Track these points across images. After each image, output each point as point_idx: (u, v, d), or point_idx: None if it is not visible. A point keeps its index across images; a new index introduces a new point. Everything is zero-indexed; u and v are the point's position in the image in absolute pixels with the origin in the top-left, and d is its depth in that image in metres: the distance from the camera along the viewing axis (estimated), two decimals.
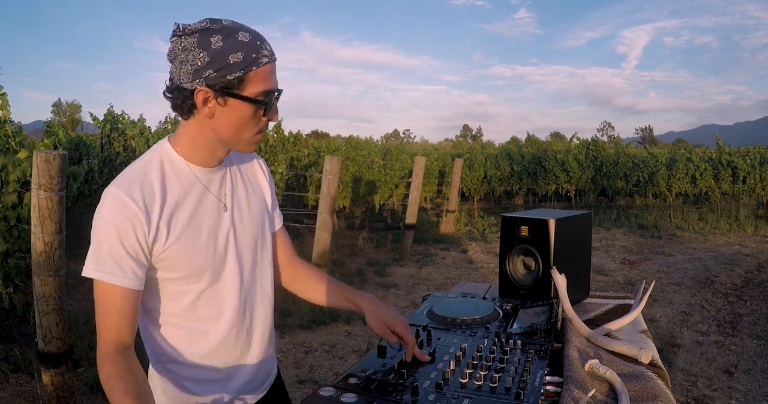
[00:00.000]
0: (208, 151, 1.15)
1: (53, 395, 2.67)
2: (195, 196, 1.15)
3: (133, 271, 1.07)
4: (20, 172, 3.44)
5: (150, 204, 1.07)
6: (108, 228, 1.05)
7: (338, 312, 5.06)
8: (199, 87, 1.04)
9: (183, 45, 1.04)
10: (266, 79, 1.07)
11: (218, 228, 1.18)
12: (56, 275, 2.57)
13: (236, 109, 1.07)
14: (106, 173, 7.26)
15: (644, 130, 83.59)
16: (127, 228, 1.05)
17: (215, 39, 1.03)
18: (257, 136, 1.13)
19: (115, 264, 1.05)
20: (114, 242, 1.05)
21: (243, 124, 1.09)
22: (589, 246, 1.95)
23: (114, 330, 1.07)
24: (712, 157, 13.04)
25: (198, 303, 1.16)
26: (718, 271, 7.06)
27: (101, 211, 1.07)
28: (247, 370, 1.27)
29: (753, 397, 3.51)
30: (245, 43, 1.04)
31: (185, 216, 1.13)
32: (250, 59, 1.04)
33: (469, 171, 13.27)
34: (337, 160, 5.14)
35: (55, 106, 64.13)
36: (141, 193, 1.07)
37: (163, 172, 1.12)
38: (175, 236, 1.10)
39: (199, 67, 1.03)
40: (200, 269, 1.14)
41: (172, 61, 1.07)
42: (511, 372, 1.15)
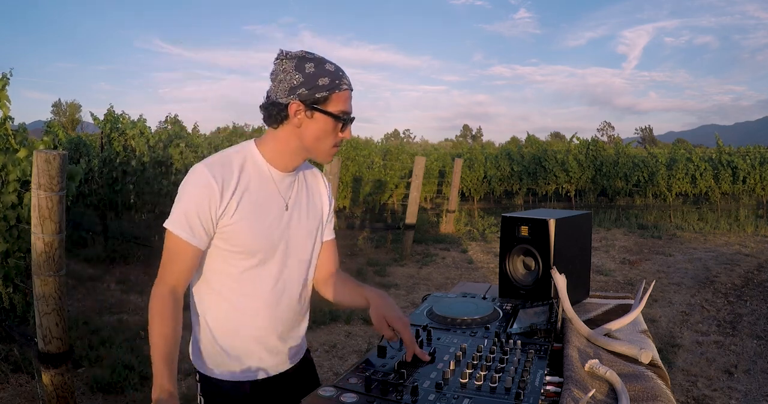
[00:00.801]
0: (289, 157, 1.37)
1: (53, 395, 2.67)
2: (265, 191, 1.37)
3: (200, 234, 1.29)
4: (20, 171, 3.44)
5: (226, 186, 1.30)
6: (190, 196, 1.29)
7: (338, 312, 5.05)
8: (293, 101, 1.29)
9: (284, 67, 1.30)
10: (345, 102, 1.33)
11: (276, 222, 1.39)
12: (56, 275, 2.57)
13: (320, 121, 1.31)
14: (106, 173, 7.25)
15: (644, 130, 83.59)
16: (204, 199, 1.28)
17: (309, 65, 1.29)
18: (333, 149, 1.36)
19: (188, 225, 1.28)
20: (191, 208, 1.28)
21: (324, 135, 1.33)
22: (589, 246, 1.95)
23: (173, 276, 1.30)
24: (712, 157, 13.04)
25: (242, 277, 1.36)
26: (718, 271, 7.06)
27: (188, 181, 1.31)
28: (274, 345, 1.43)
29: (753, 397, 3.51)
30: (331, 71, 1.31)
31: (252, 203, 1.34)
32: (334, 84, 1.30)
33: (469, 171, 13.26)
34: (337, 160, 5.15)
35: (55, 106, 64.13)
36: (222, 174, 1.30)
37: (244, 164, 1.35)
38: (239, 216, 1.31)
39: (294, 85, 1.28)
40: (252, 249, 1.35)
41: (273, 79, 1.32)
42: (511, 372, 1.15)
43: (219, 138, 10.17)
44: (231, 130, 17.94)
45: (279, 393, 1.46)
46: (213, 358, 1.40)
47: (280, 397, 1.46)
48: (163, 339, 1.25)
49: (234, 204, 1.31)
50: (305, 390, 1.48)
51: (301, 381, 1.53)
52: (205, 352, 1.41)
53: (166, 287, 1.30)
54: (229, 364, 1.40)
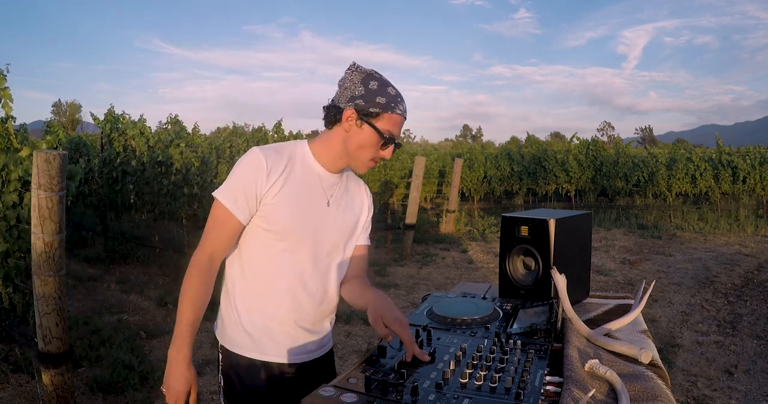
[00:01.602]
0: (333, 158, 1.47)
1: (53, 395, 2.67)
2: (308, 182, 1.47)
3: (243, 207, 1.40)
4: (22, 170, 3.43)
5: (273, 168, 1.41)
6: (241, 172, 1.41)
7: (338, 312, 5.04)
8: (349, 108, 1.40)
9: (352, 77, 1.42)
10: (394, 124, 1.42)
11: (314, 212, 1.48)
12: (56, 275, 2.57)
13: (366, 133, 1.41)
14: (106, 173, 7.25)
15: (644, 130, 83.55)
16: (252, 177, 1.39)
17: (373, 83, 1.41)
18: (371, 162, 1.46)
19: (234, 197, 1.40)
20: (240, 183, 1.40)
21: (366, 146, 1.42)
22: (589, 246, 1.95)
23: (213, 244, 1.42)
24: (712, 157, 13.03)
25: (273, 258, 1.45)
26: (718, 271, 7.06)
27: (242, 160, 1.42)
28: (292, 334, 1.49)
29: (753, 397, 3.51)
30: (391, 94, 1.41)
31: (296, 189, 1.44)
32: (389, 105, 1.40)
33: (469, 171, 13.26)
34: None
35: (56, 106, 64.09)
36: (273, 157, 1.42)
37: (295, 155, 1.47)
38: (281, 198, 1.42)
39: (355, 95, 1.40)
40: (288, 231, 1.44)
41: (340, 86, 1.44)
42: (511, 372, 1.15)
43: (219, 138, 10.16)
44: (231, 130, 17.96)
45: (293, 383, 1.51)
46: (234, 334, 1.49)
47: (294, 386, 1.51)
48: (192, 306, 1.38)
49: (278, 187, 1.41)
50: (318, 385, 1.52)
51: (316, 377, 1.52)
52: (228, 327, 1.50)
53: (205, 254, 1.41)
54: (248, 342, 1.47)
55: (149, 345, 4.22)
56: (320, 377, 1.53)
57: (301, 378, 1.52)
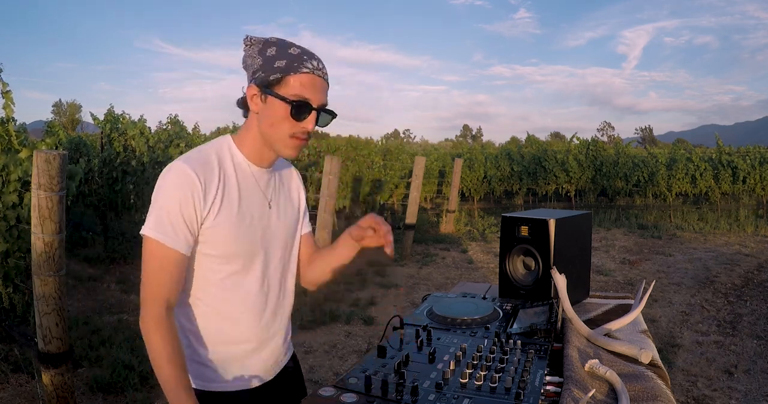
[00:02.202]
0: (260, 149, 1.28)
1: (53, 395, 2.67)
2: (247, 188, 1.28)
3: (186, 238, 1.18)
4: (21, 171, 3.43)
5: (209, 184, 1.20)
6: (171, 196, 1.17)
7: (338, 312, 5.06)
8: (250, 85, 1.22)
9: (249, 53, 1.23)
10: (302, 87, 1.19)
11: (260, 220, 1.31)
12: (56, 275, 2.57)
13: (273, 106, 1.20)
14: (106, 173, 7.25)
15: (644, 130, 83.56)
16: (188, 198, 1.17)
17: (271, 49, 1.20)
18: (292, 140, 1.23)
19: (171, 229, 1.16)
20: (174, 209, 1.16)
21: (277, 122, 1.21)
22: (589, 246, 1.95)
23: (165, 290, 1.18)
24: (712, 157, 13.04)
25: (225, 282, 1.27)
26: (718, 271, 7.06)
27: (167, 179, 1.18)
28: (263, 352, 1.36)
29: (753, 397, 3.51)
30: (293, 54, 1.20)
31: (234, 201, 1.25)
32: (291, 66, 1.18)
33: (469, 171, 13.26)
34: (337, 160, 5.14)
35: (56, 106, 64.14)
36: (203, 172, 1.20)
37: (224, 161, 1.26)
38: (224, 215, 1.22)
39: (255, 70, 1.21)
40: (237, 252, 1.26)
41: (245, 68, 1.25)
42: (511, 372, 1.15)
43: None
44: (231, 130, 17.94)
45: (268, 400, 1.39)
46: (196, 369, 1.30)
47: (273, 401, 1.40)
48: (173, 365, 1.15)
49: (217, 205, 1.21)
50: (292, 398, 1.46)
51: (287, 390, 1.46)
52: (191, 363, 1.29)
53: (161, 307, 1.17)
54: (212, 374, 1.30)
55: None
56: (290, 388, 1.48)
57: (271, 395, 1.40)
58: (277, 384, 1.42)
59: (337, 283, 6.24)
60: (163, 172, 1.20)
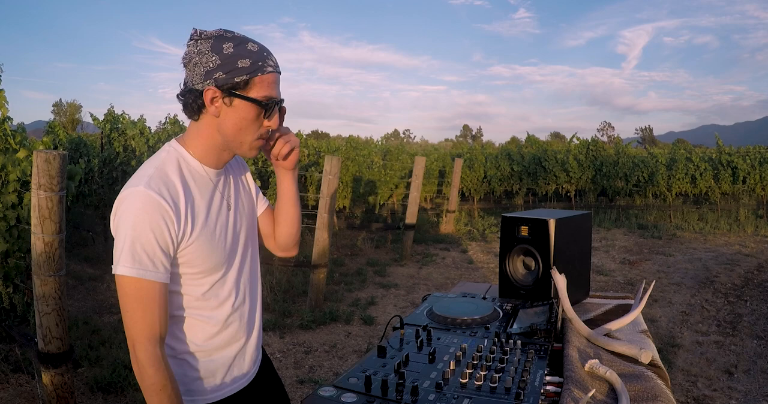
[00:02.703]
0: (218, 154, 1.22)
1: (53, 395, 2.67)
2: (209, 196, 1.23)
3: (164, 266, 1.12)
4: (20, 171, 3.43)
5: (177, 202, 1.14)
6: (142, 225, 1.08)
7: (338, 312, 5.05)
8: (209, 87, 1.13)
9: (198, 48, 1.14)
10: (269, 86, 1.16)
11: (226, 225, 1.27)
12: (56, 275, 2.57)
13: (240, 109, 1.15)
14: (106, 173, 7.25)
15: (644, 130, 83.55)
16: (161, 225, 1.10)
17: (227, 45, 1.13)
18: (258, 142, 1.21)
19: (150, 261, 1.09)
20: (149, 239, 1.09)
21: (246, 126, 1.17)
22: (589, 246, 1.95)
23: (157, 326, 1.12)
24: (712, 157, 13.03)
25: (208, 293, 1.25)
26: (718, 271, 7.06)
27: (132, 209, 1.09)
28: (249, 350, 1.37)
29: (753, 397, 3.51)
30: (253, 51, 1.14)
31: (203, 215, 1.21)
32: (256, 66, 1.14)
33: (469, 171, 13.26)
34: (337, 160, 5.14)
35: (56, 106, 64.09)
36: (168, 191, 1.12)
37: (181, 172, 1.19)
38: (197, 233, 1.18)
39: (210, 69, 1.12)
40: (216, 264, 1.24)
41: (186, 64, 1.16)
42: (511, 372, 1.15)
43: None
44: None
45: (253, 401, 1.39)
46: (188, 384, 1.26)
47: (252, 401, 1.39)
48: (167, 391, 1.11)
49: (190, 224, 1.15)
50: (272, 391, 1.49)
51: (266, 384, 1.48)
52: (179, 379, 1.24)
53: (155, 344, 1.11)
54: (206, 385, 1.28)
55: None
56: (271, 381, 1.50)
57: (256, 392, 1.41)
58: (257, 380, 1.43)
59: (337, 283, 6.24)
60: (122, 200, 1.10)
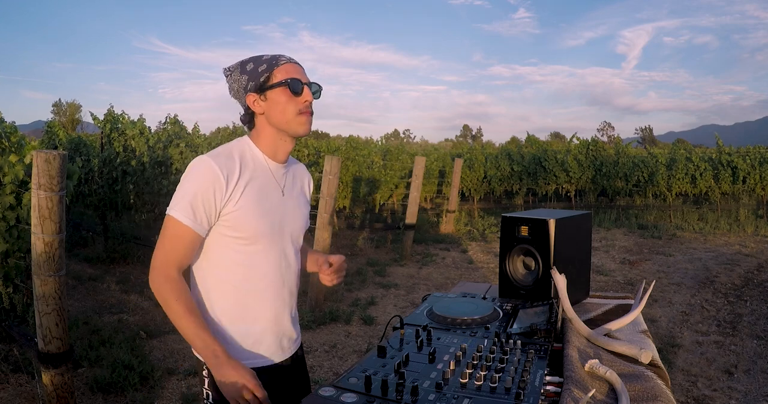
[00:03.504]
0: (277, 145, 1.47)
1: (53, 395, 2.66)
2: (264, 178, 1.45)
3: (202, 221, 1.35)
4: (13, 174, 3.42)
5: (230, 175, 1.36)
6: (195, 185, 1.33)
7: (338, 312, 5.05)
8: (248, 95, 1.42)
9: (233, 78, 1.44)
10: (287, 72, 1.41)
11: (276, 206, 1.48)
12: (56, 275, 2.57)
13: (274, 98, 1.41)
14: (106, 173, 7.25)
15: (644, 130, 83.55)
16: (209, 188, 1.34)
17: (249, 65, 1.42)
18: (302, 116, 1.42)
19: (192, 212, 1.33)
20: (197, 196, 1.33)
21: (283, 107, 1.41)
22: (589, 246, 1.95)
23: (178, 259, 1.35)
24: (712, 157, 13.03)
25: (249, 262, 1.43)
26: (718, 271, 7.06)
27: (193, 170, 1.35)
28: (279, 329, 1.50)
29: (753, 397, 3.51)
30: (267, 58, 1.43)
31: (254, 190, 1.42)
32: (271, 63, 1.41)
33: (469, 171, 13.26)
34: (337, 160, 5.14)
35: (56, 106, 64.08)
36: (226, 165, 1.37)
37: (244, 155, 1.44)
38: (243, 202, 1.38)
39: (244, 85, 1.42)
40: (258, 233, 1.42)
41: (234, 95, 1.46)
42: (511, 372, 1.15)
43: (219, 138, 10.15)
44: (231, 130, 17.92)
45: (279, 384, 1.51)
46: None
47: (280, 388, 1.50)
48: (190, 312, 1.32)
49: (238, 193, 1.37)
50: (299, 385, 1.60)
51: (296, 374, 1.59)
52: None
53: (174, 269, 1.34)
54: (237, 353, 1.42)
55: (149, 345, 4.22)
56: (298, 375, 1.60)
57: (282, 378, 1.53)
58: (290, 368, 1.55)
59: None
60: (192, 163, 1.37)
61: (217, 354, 1.30)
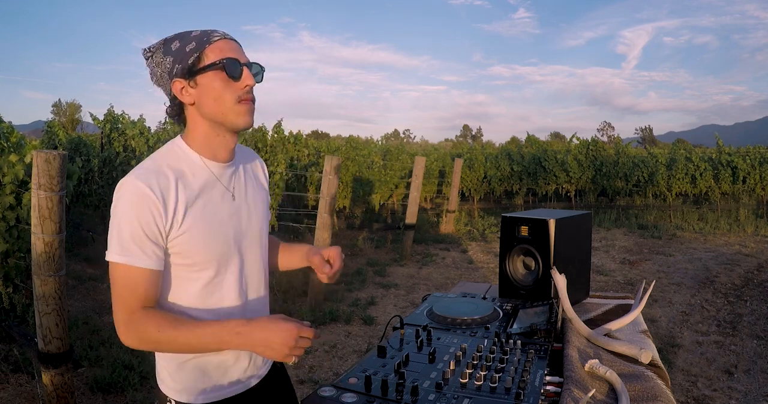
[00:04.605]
0: (214, 142, 1.23)
1: (53, 395, 2.67)
2: (207, 188, 1.22)
3: (155, 254, 1.14)
4: (13, 174, 3.42)
5: (166, 194, 1.14)
6: (129, 215, 1.12)
7: (338, 313, 5.05)
8: (174, 81, 1.17)
9: (155, 62, 1.19)
10: (222, 51, 1.16)
11: (227, 218, 1.25)
12: (56, 275, 2.57)
13: (206, 83, 1.16)
14: (106, 173, 7.25)
15: (644, 130, 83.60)
16: (147, 215, 1.12)
17: (174, 44, 1.17)
18: (241, 105, 1.19)
19: (139, 249, 1.12)
20: (136, 229, 1.11)
21: (219, 94, 1.17)
22: (589, 246, 1.95)
23: (141, 302, 1.14)
24: (712, 157, 13.04)
25: (206, 290, 1.23)
26: (718, 271, 7.06)
27: (122, 200, 1.13)
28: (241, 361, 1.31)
29: (753, 397, 3.51)
30: (196, 34, 1.17)
31: (199, 206, 1.20)
32: (201, 41, 1.16)
33: (469, 171, 13.26)
34: (337, 160, 5.14)
35: (56, 106, 64.09)
36: (158, 183, 1.14)
37: (179, 164, 1.20)
38: (189, 224, 1.17)
39: (169, 69, 1.17)
40: (209, 257, 1.21)
41: (156, 82, 1.21)
42: (511, 372, 1.15)
43: None
44: None
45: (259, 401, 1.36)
46: (186, 381, 1.25)
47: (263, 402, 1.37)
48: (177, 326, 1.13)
49: (180, 213, 1.16)
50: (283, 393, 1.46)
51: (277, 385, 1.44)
52: (177, 376, 1.26)
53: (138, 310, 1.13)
54: (209, 383, 1.26)
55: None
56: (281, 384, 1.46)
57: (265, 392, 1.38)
58: (265, 386, 1.38)
59: (337, 283, 6.24)
60: (116, 189, 1.14)
61: (237, 331, 1.10)
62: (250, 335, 1.10)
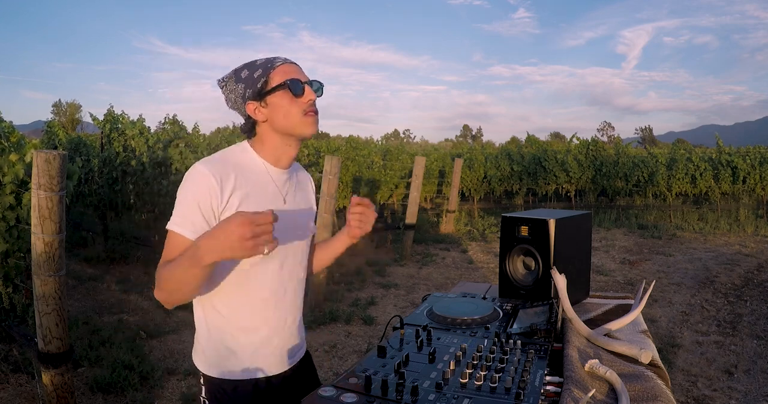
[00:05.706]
0: (280, 151, 1.41)
1: (53, 395, 2.67)
2: (263, 186, 1.39)
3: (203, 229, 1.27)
4: (13, 174, 3.42)
5: (224, 180, 1.30)
6: (190, 194, 1.29)
7: (338, 312, 5.05)
8: (247, 104, 1.36)
9: (229, 89, 1.39)
10: (285, 73, 1.35)
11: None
12: (56, 275, 2.57)
13: (275, 102, 1.35)
14: (106, 173, 7.25)
15: (644, 130, 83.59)
16: (205, 196, 1.28)
17: (243, 72, 1.37)
18: (306, 117, 1.36)
19: (191, 222, 1.28)
20: (193, 205, 1.28)
21: (287, 110, 1.35)
22: (589, 246, 1.95)
23: None
24: (712, 157, 13.03)
25: (247, 273, 1.37)
26: (718, 271, 7.06)
27: (187, 180, 1.31)
28: (279, 341, 1.46)
29: (753, 397, 3.51)
30: (261, 62, 1.37)
31: (251, 198, 1.35)
32: (266, 67, 1.36)
33: (469, 171, 13.26)
34: (337, 160, 5.14)
35: (56, 106, 64.09)
36: (219, 171, 1.31)
37: (242, 162, 1.38)
38: (242, 207, 1.32)
39: (241, 94, 1.37)
40: None
41: (233, 106, 1.41)
42: (511, 372, 1.15)
43: (218, 138, 10.15)
44: (231, 130, 17.94)
45: (282, 394, 1.47)
46: (219, 358, 1.40)
47: (283, 398, 1.46)
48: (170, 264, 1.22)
49: (235, 200, 1.32)
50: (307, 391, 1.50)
51: (302, 383, 1.54)
52: (211, 352, 1.40)
53: None
54: (236, 363, 1.40)
55: (149, 345, 4.22)
56: (306, 381, 1.56)
57: (288, 387, 1.49)
58: (294, 378, 1.51)
59: (337, 283, 6.24)
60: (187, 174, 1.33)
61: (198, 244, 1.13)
62: (210, 241, 1.11)
